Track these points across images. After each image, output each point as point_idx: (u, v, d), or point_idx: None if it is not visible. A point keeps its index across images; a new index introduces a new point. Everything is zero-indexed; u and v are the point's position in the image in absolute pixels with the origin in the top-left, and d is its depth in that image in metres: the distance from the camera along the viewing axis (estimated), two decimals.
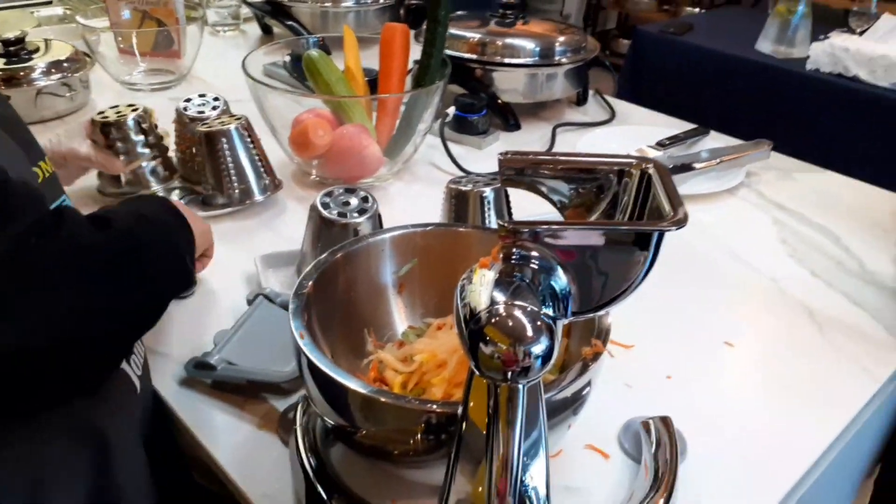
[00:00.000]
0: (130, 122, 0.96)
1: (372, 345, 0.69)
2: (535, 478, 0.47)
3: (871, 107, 2.10)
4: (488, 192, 0.85)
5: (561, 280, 0.48)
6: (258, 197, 0.98)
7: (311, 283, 0.61)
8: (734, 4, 3.60)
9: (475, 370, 0.44)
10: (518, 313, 0.43)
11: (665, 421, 0.65)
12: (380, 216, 0.82)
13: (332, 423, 0.58)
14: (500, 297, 0.45)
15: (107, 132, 0.95)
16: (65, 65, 1.26)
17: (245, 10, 1.71)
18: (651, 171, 0.53)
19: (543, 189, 0.60)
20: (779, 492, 0.63)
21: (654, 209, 0.51)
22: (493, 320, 0.43)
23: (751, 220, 1.05)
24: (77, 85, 1.27)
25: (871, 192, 1.15)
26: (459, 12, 1.37)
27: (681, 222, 0.46)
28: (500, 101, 1.28)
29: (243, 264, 0.87)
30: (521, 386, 0.44)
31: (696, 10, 3.68)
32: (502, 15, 1.33)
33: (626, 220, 0.54)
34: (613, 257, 0.48)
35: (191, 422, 0.68)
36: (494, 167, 0.57)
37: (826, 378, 0.76)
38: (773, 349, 0.81)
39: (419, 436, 0.53)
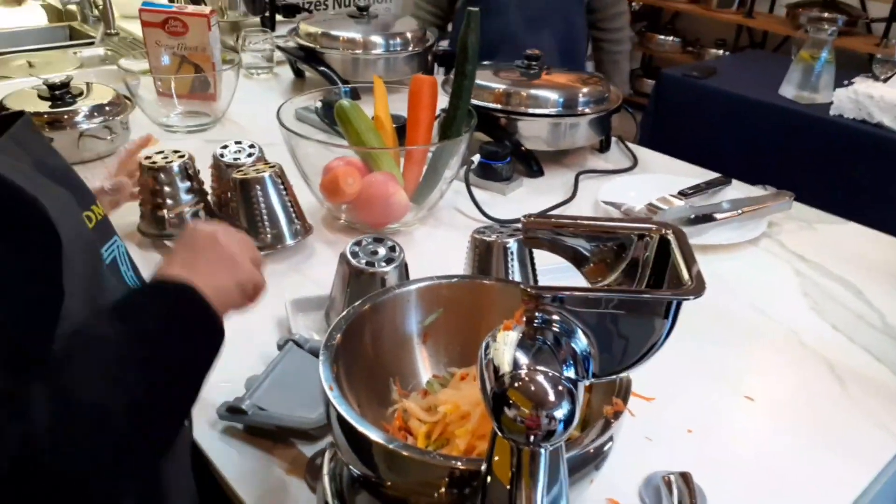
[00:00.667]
0: (176, 168, 1.00)
1: (397, 393, 0.71)
2: None
3: (890, 153, 2.10)
4: (512, 244, 0.87)
5: (582, 343, 0.50)
6: (289, 241, 1.01)
7: (339, 334, 0.64)
8: (758, 48, 3.63)
9: (499, 431, 0.46)
10: (540, 378, 0.45)
11: (685, 477, 0.66)
12: (406, 265, 0.85)
13: (358, 472, 0.60)
14: (523, 360, 0.46)
15: (154, 176, 0.99)
16: (106, 108, 1.32)
17: (279, 54, 1.77)
18: (670, 236, 0.55)
19: (565, 249, 0.62)
20: None
21: (673, 275, 0.53)
22: (516, 384, 0.45)
23: (772, 272, 1.06)
24: (118, 127, 1.32)
25: (893, 243, 1.16)
26: (484, 62, 1.41)
27: (698, 291, 0.48)
28: (523, 149, 1.31)
29: (274, 307, 0.90)
30: (543, 450, 0.46)
31: (721, 52, 3.71)
32: (527, 66, 1.37)
33: (646, 288, 0.56)
34: (633, 323, 0.50)
35: (221, 464, 0.70)
36: (518, 212, 0.60)
37: (846, 434, 0.77)
38: (794, 404, 0.82)
39: (443, 490, 0.55)
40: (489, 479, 0.49)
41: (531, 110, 1.29)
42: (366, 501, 0.65)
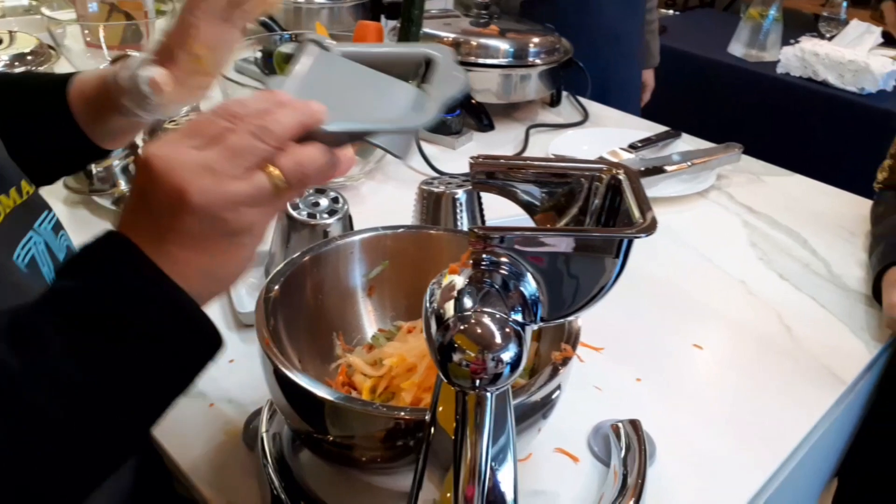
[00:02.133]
0: None
1: (341, 349, 0.69)
2: (502, 483, 0.47)
3: (840, 111, 2.13)
4: (461, 194, 0.85)
5: (530, 286, 0.48)
6: None
7: (277, 286, 0.60)
8: (707, 7, 3.64)
9: (444, 378, 0.44)
10: (487, 320, 0.43)
11: (634, 424, 0.65)
12: (350, 217, 0.81)
13: (298, 430, 0.57)
14: (468, 303, 0.44)
15: None
16: (29, 58, 1.24)
17: None
18: (621, 176, 0.53)
19: (514, 193, 0.59)
20: (746, 493, 0.64)
21: (624, 215, 0.51)
22: (461, 327, 0.43)
23: (721, 223, 1.06)
24: None
25: (839, 195, 1.17)
26: (433, 10, 1.36)
27: (650, 229, 0.46)
28: (473, 102, 1.27)
29: None
30: (489, 393, 0.44)
31: (670, 11, 3.71)
32: (476, 15, 1.33)
33: (596, 227, 0.54)
34: (583, 263, 0.48)
35: (156, 430, 0.67)
36: (467, 168, 0.57)
37: (793, 379, 0.77)
38: (742, 351, 0.82)
39: (387, 442, 0.53)
40: (433, 428, 0.47)
41: (481, 60, 1.25)
42: (307, 460, 0.62)
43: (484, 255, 0.47)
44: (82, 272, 0.40)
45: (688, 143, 1.26)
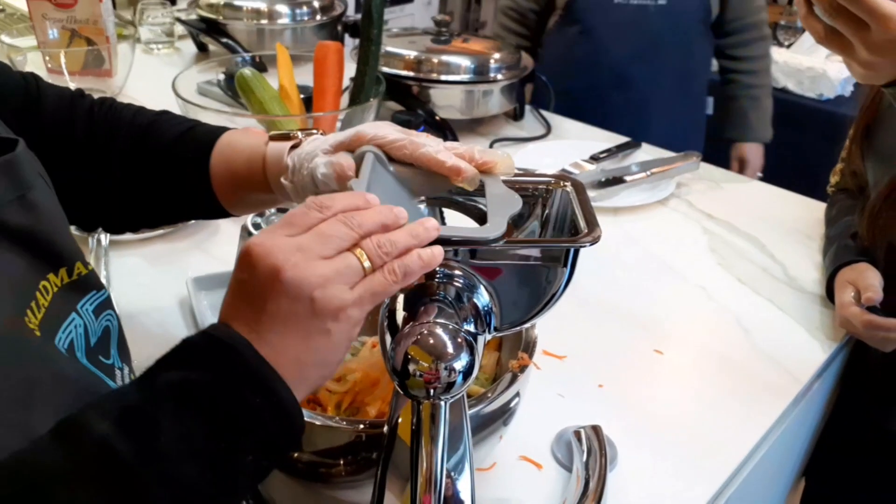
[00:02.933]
0: None
1: None
2: (461, 491, 0.48)
3: (799, 117, 2.19)
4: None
5: (483, 297, 0.49)
6: None
7: None
8: None
9: (399, 389, 0.45)
10: (439, 331, 0.44)
11: (596, 429, 0.66)
12: None
13: None
14: (422, 316, 0.45)
15: None
16: None
17: (180, 28, 1.69)
18: (569, 188, 0.55)
19: (474, 208, 0.61)
20: (707, 492, 0.65)
21: (572, 226, 0.53)
22: (415, 339, 0.44)
23: (681, 230, 1.09)
24: None
25: (796, 200, 1.20)
26: (395, 29, 1.38)
27: (595, 239, 0.48)
28: (437, 118, 1.29)
29: (176, 287, 0.86)
30: (443, 402, 0.45)
31: None
32: (437, 33, 1.35)
33: (543, 238, 0.55)
34: (533, 273, 0.49)
35: None
36: None
37: (752, 381, 0.79)
38: (702, 355, 0.83)
39: (350, 456, 0.54)
40: (392, 440, 0.48)
41: (443, 77, 1.27)
42: (274, 476, 0.62)
43: (437, 269, 0.48)
44: (197, 364, 0.40)
45: (648, 152, 1.29)
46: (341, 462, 0.54)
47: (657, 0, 1.50)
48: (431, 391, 0.44)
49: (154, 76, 1.54)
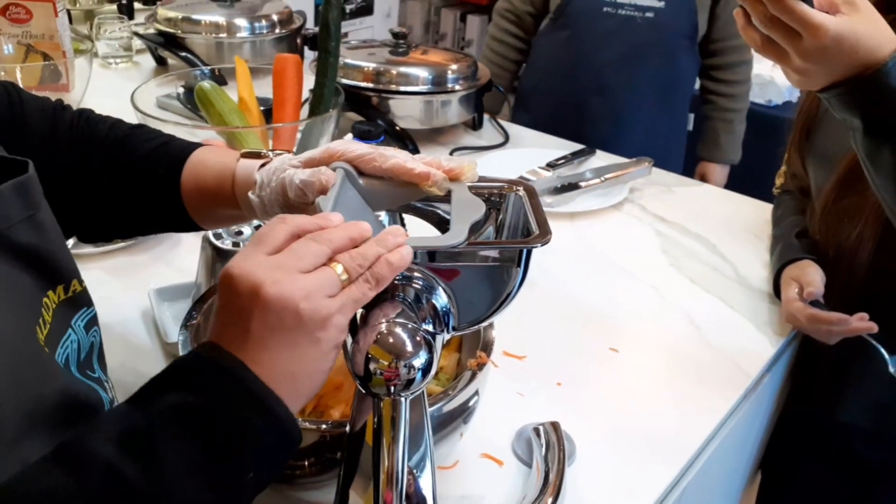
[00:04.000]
0: None
1: None
2: (423, 487, 0.49)
3: (748, 123, 2.25)
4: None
5: (441, 299, 0.51)
6: None
7: (200, 315, 0.62)
8: None
9: (361, 388, 0.47)
10: (398, 330, 0.46)
11: (554, 425, 0.68)
12: None
13: None
14: (382, 316, 0.47)
15: None
16: None
17: (138, 42, 1.68)
18: (521, 193, 0.57)
19: (433, 214, 0.63)
20: (661, 484, 0.68)
21: (525, 228, 0.55)
22: (375, 338, 0.45)
23: (634, 233, 1.12)
24: None
25: (745, 202, 1.24)
26: (353, 41, 1.40)
27: (546, 240, 0.50)
28: (397, 128, 1.31)
29: (137, 299, 0.86)
30: (403, 398, 0.46)
31: None
32: (395, 45, 1.37)
33: (498, 240, 0.57)
34: (488, 274, 0.51)
35: None
36: None
37: (704, 375, 0.82)
38: (655, 353, 0.86)
39: (314, 456, 0.55)
40: (354, 439, 0.50)
41: (402, 88, 1.30)
42: None
43: None
44: (193, 388, 0.41)
45: (602, 159, 1.32)
46: (305, 463, 0.56)
47: (645, 13, 1.54)
48: (392, 388, 0.45)
49: (113, 90, 1.53)
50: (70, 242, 0.70)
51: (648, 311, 0.94)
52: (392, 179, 0.56)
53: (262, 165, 0.60)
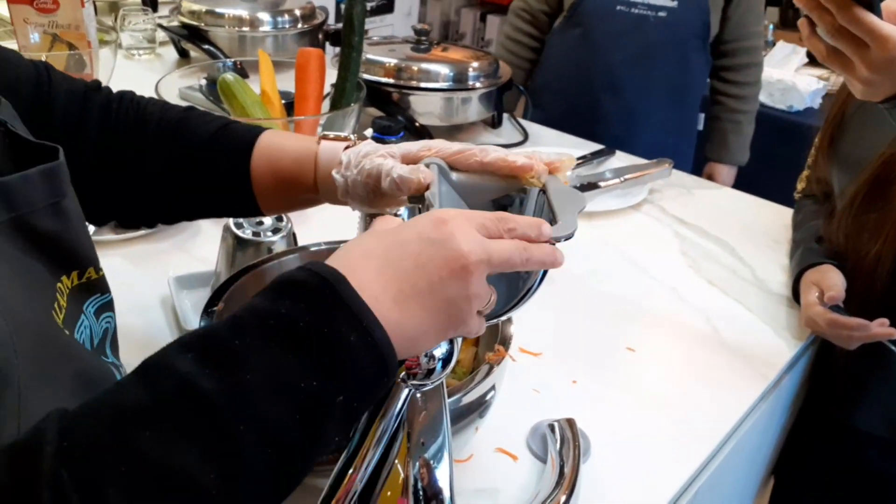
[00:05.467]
0: None
1: None
2: (440, 480, 0.49)
3: (769, 128, 2.24)
4: (402, 211, 0.88)
5: None
6: None
7: (222, 302, 0.62)
8: None
9: None
10: None
11: (569, 422, 0.68)
12: (294, 235, 0.84)
13: None
14: None
15: None
16: None
17: (161, 34, 1.70)
18: (548, 185, 0.57)
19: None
20: (676, 483, 0.67)
21: (550, 222, 0.55)
22: None
23: (653, 234, 1.12)
24: None
25: (764, 206, 1.23)
26: (375, 37, 1.40)
27: (571, 233, 0.50)
28: (417, 124, 1.31)
29: (157, 287, 0.87)
30: (424, 388, 0.46)
31: None
32: (417, 41, 1.38)
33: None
34: None
35: None
36: None
37: (721, 379, 0.82)
38: (672, 354, 0.86)
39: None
40: (371, 425, 0.50)
41: (423, 84, 1.30)
42: None
43: None
44: (288, 296, 0.39)
45: (621, 160, 1.32)
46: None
47: (658, 12, 1.54)
48: (411, 377, 0.45)
49: (136, 81, 1.54)
50: (91, 229, 0.70)
51: (666, 311, 0.93)
52: (487, 174, 0.57)
53: (346, 148, 0.60)
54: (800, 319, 0.91)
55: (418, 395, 0.47)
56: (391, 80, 1.30)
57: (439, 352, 0.46)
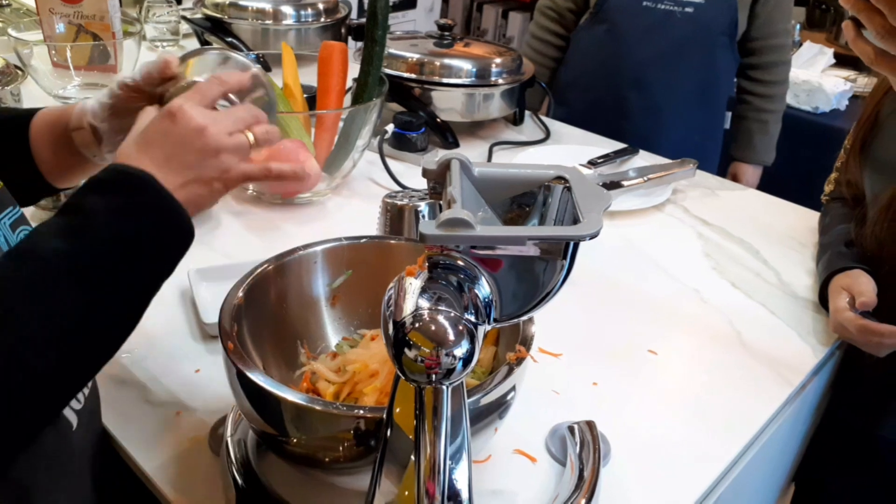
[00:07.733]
0: None
1: (305, 356, 0.70)
2: (459, 480, 0.49)
3: (795, 129, 2.21)
4: (423, 206, 0.87)
5: (484, 289, 0.50)
6: None
7: (241, 293, 0.62)
8: None
9: (400, 374, 0.46)
10: (441, 319, 0.45)
11: (589, 424, 0.67)
12: None
13: (262, 432, 0.59)
14: (424, 304, 0.46)
15: None
16: None
17: (184, 26, 1.70)
18: (570, 183, 0.56)
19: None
20: (698, 489, 0.66)
21: (572, 221, 0.54)
22: (416, 325, 0.45)
23: (676, 235, 1.10)
24: (8, 98, 1.24)
25: (789, 208, 1.21)
26: (398, 32, 1.40)
27: (595, 232, 0.49)
28: (438, 120, 1.30)
29: (176, 278, 0.87)
30: (445, 387, 0.46)
31: None
32: (440, 36, 1.37)
33: (543, 226, 0.56)
34: (533, 266, 0.50)
35: (120, 435, 0.67)
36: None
37: (744, 383, 0.80)
38: (695, 357, 0.85)
39: (348, 442, 0.54)
40: (390, 428, 0.49)
41: (445, 80, 1.29)
42: (272, 463, 0.63)
43: (440, 259, 0.49)
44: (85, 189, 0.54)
45: (644, 159, 1.30)
46: (340, 448, 0.55)
47: (684, 7, 1.52)
48: (432, 376, 0.45)
49: None
50: None
51: (689, 314, 0.92)
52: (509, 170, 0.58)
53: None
54: (828, 324, 0.89)
55: (442, 390, 0.46)
56: (413, 75, 1.29)
57: (460, 351, 0.45)
